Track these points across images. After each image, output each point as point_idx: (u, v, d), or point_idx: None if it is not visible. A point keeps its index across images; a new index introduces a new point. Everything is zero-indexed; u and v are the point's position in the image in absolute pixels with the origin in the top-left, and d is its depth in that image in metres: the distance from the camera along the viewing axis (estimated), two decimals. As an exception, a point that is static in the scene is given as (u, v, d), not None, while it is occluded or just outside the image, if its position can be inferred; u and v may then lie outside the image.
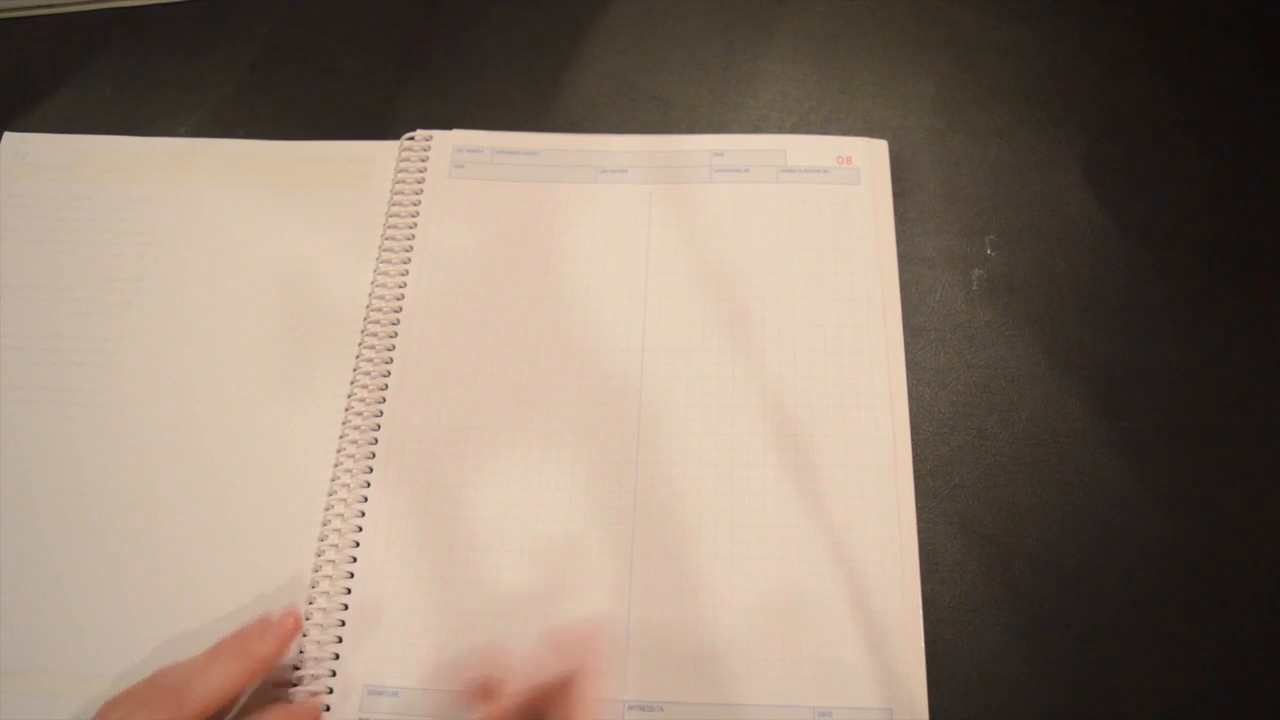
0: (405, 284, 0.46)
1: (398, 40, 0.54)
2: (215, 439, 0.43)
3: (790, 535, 0.40)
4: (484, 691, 0.37)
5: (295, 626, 0.38)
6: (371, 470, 0.42)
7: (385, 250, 0.47)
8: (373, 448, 0.43)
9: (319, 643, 0.39)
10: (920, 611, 0.39)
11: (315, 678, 0.38)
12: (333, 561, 0.40)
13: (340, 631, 0.39)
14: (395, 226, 0.48)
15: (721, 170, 0.48)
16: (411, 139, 0.50)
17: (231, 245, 0.48)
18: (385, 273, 0.46)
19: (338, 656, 0.39)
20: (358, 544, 0.41)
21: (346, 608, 0.40)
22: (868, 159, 0.48)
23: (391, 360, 0.44)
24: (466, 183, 0.49)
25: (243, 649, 0.37)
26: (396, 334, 0.45)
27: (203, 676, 0.36)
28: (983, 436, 0.42)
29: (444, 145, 0.49)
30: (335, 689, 0.38)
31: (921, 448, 0.42)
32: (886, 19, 0.53)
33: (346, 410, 0.43)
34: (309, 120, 0.52)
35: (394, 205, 0.48)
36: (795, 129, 0.50)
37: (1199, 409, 0.42)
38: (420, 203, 0.48)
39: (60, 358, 0.45)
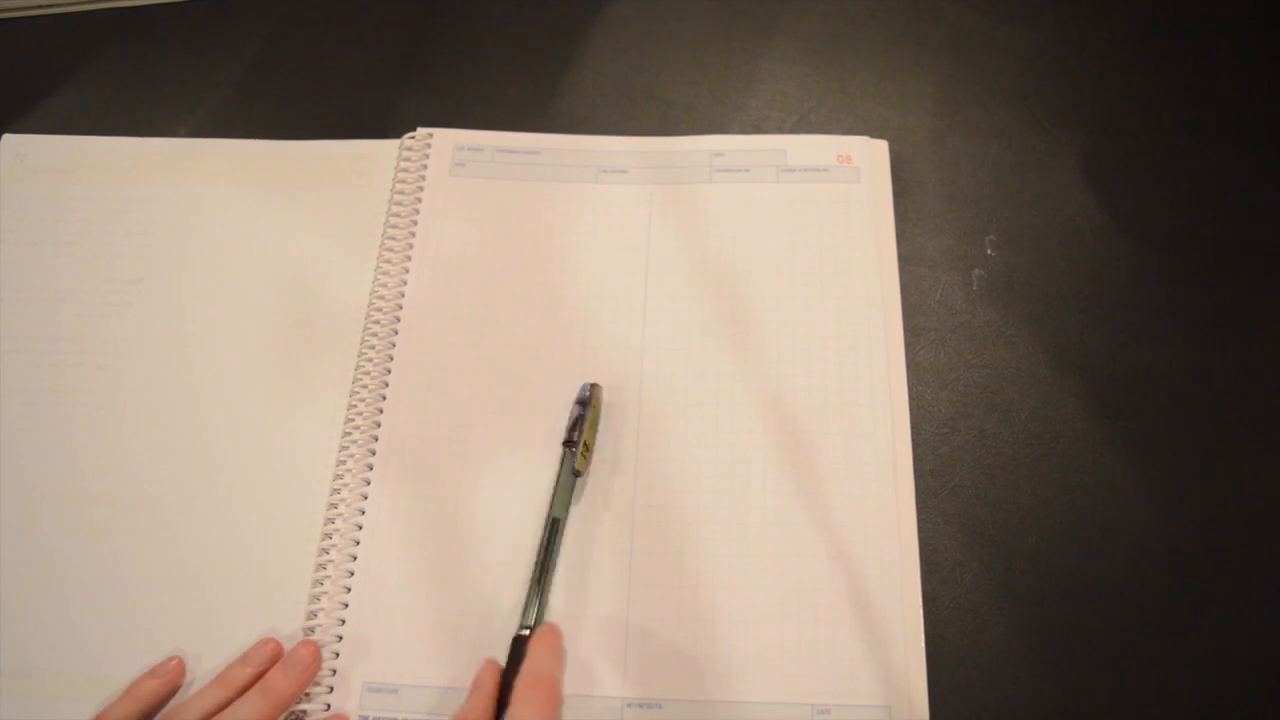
0: (406, 283, 0.46)
1: (398, 40, 0.54)
2: (216, 439, 0.43)
3: (790, 534, 0.40)
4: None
5: (315, 660, 0.38)
6: (371, 470, 0.42)
7: (385, 250, 0.47)
8: (373, 447, 0.43)
9: (320, 642, 0.39)
10: (920, 611, 0.39)
11: (316, 676, 0.38)
12: (333, 561, 0.40)
13: (340, 630, 0.39)
14: (395, 226, 0.48)
15: (722, 170, 0.48)
16: (412, 138, 0.50)
17: (231, 245, 0.48)
18: (386, 272, 0.46)
19: (338, 655, 0.39)
20: (358, 543, 0.41)
21: (347, 606, 0.40)
22: (868, 158, 0.48)
23: (392, 360, 0.44)
24: (467, 181, 0.49)
25: (266, 688, 0.37)
26: (397, 333, 0.45)
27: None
28: (983, 436, 0.42)
29: (444, 144, 0.50)
30: (335, 687, 0.38)
31: (921, 448, 0.42)
32: (886, 19, 0.53)
33: (347, 410, 0.44)
34: (309, 120, 0.52)
35: (394, 204, 0.48)
36: (795, 129, 0.50)
37: (1199, 409, 0.42)
38: (421, 201, 0.48)
39: (61, 359, 0.45)
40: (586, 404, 0.41)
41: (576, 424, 0.40)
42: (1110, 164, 0.48)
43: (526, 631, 0.37)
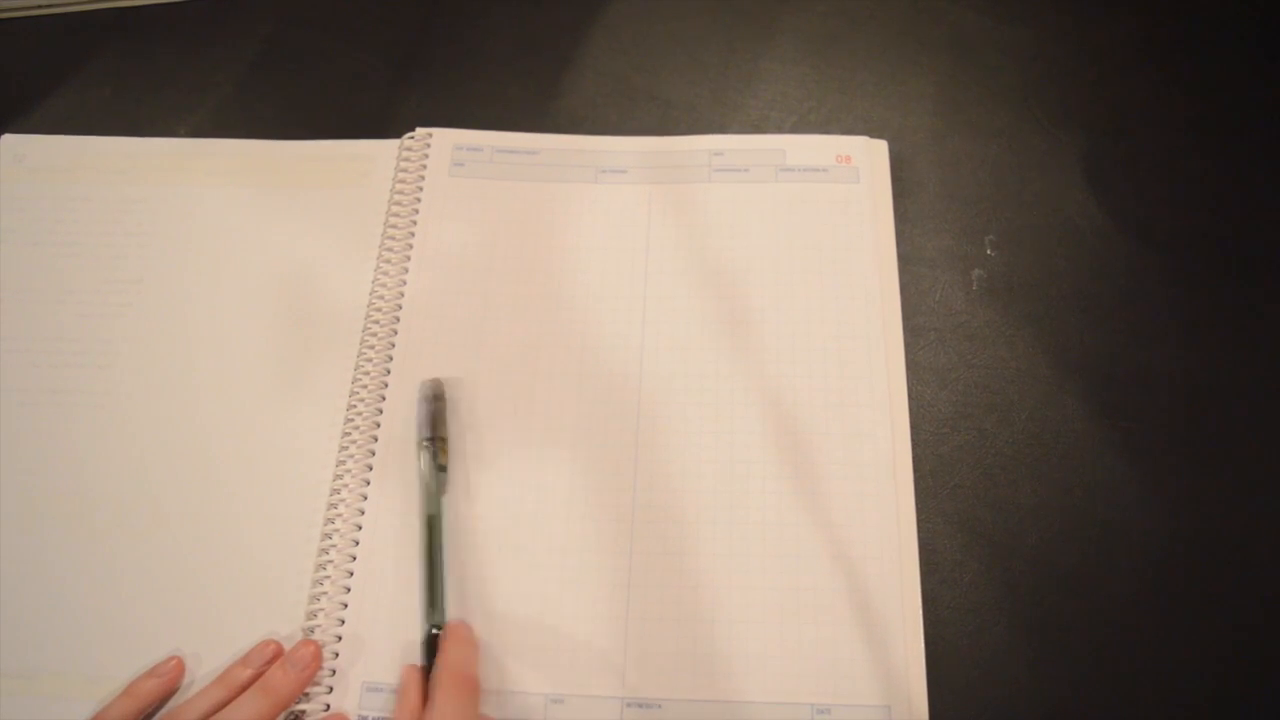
0: (405, 283, 0.46)
1: (398, 40, 0.54)
2: (217, 439, 0.43)
3: (789, 534, 0.40)
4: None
5: (315, 660, 0.38)
6: (371, 470, 0.42)
7: (385, 250, 0.47)
8: (373, 447, 0.43)
9: (320, 641, 0.39)
10: (920, 611, 0.39)
11: (316, 676, 0.38)
12: (333, 561, 0.40)
13: (340, 630, 0.39)
14: (395, 226, 0.48)
15: (721, 170, 0.48)
16: (412, 138, 0.50)
17: (231, 246, 0.48)
18: (385, 272, 0.46)
19: (337, 655, 0.39)
20: (358, 543, 0.41)
21: (346, 606, 0.40)
22: (867, 158, 0.48)
23: (392, 360, 0.44)
24: (467, 181, 0.49)
25: (266, 686, 0.37)
26: (397, 333, 0.45)
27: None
28: (983, 436, 0.42)
29: (444, 144, 0.50)
30: (335, 687, 0.38)
31: (921, 448, 0.42)
32: (886, 19, 0.53)
33: (347, 410, 0.44)
34: (309, 120, 0.52)
35: (394, 204, 0.48)
36: (795, 129, 0.50)
37: (1199, 409, 0.42)
38: (420, 201, 0.48)
39: (61, 360, 0.45)
40: (440, 398, 0.42)
41: (435, 420, 0.42)
42: (1110, 164, 0.48)
43: (437, 631, 0.38)
